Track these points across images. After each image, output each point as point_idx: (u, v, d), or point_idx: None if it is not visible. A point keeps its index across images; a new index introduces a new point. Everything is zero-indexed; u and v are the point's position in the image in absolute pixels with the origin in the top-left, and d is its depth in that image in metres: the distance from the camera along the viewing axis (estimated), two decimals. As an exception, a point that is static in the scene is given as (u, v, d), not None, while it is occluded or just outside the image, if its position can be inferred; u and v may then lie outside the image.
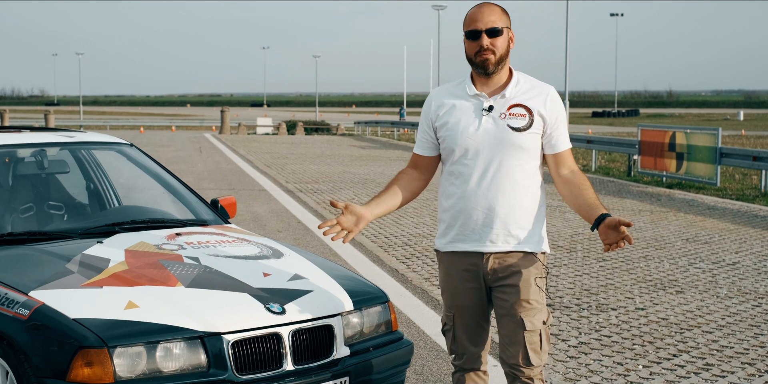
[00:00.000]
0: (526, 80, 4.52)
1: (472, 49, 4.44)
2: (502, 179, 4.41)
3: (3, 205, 5.95)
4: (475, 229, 4.45)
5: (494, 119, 4.42)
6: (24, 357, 4.44)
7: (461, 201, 4.46)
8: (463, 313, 4.56)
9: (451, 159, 4.49)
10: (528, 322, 4.42)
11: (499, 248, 4.44)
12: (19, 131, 6.52)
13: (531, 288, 4.44)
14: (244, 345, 4.54)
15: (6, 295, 4.66)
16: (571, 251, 11.69)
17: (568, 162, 4.53)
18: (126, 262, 5.01)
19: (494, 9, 4.45)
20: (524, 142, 4.41)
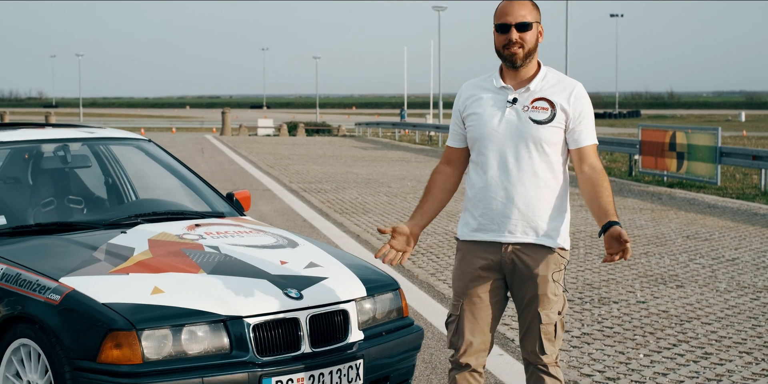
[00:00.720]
0: (554, 75, 4.57)
1: (501, 42, 4.49)
2: (522, 170, 4.46)
3: (27, 198, 6.18)
4: (495, 219, 4.49)
5: (517, 111, 4.48)
6: (56, 340, 4.67)
7: (482, 191, 4.52)
8: (473, 301, 4.57)
9: (476, 149, 4.56)
10: (544, 316, 4.51)
11: (517, 239, 4.48)
12: (42, 127, 6.75)
13: (549, 284, 4.49)
14: (265, 328, 4.77)
15: (37, 281, 4.89)
16: (574, 248, 11.91)
17: (590, 158, 4.51)
18: (150, 251, 5.24)
19: (525, 3, 4.50)
20: (545, 134, 4.45)
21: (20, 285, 4.94)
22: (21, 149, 6.48)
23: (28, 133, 6.50)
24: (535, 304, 4.51)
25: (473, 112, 4.55)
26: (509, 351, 7.11)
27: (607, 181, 4.48)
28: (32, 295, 4.85)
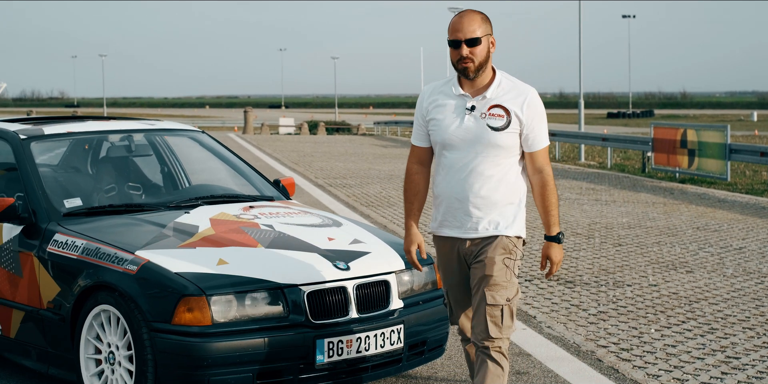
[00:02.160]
0: (508, 82, 4.86)
1: (455, 57, 4.79)
2: (478, 173, 4.78)
3: (97, 182, 6.84)
4: (456, 217, 4.85)
5: (476, 118, 4.78)
6: (134, 305, 5.32)
7: (444, 190, 4.87)
8: (453, 289, 5.05)
9: (438, 150, 4.91)
10: (489, 297, 4.75)
11: (477, 234, 4.84)
12: (106, 119, 7.41)
13: (496, 266, 4.78)
14: (317, 295, 5.42)
15: (115, 254, 5.54)
16: (589, 238, 12.52)
17: (540, 161, 4.84)
18: (212, 228, 5.89)
19: (474, 18, 4.78)
20: (501, 140, 4.77)
21: (100, 257, 5.59)
22: (88, 139, 7.13)
23: (95, 124, 7.16)
24: (483, 284, 4.79)
25: (435, 118, 4.87)
26: (531, 326, 7.73)
27: (552, 186, 4.86)
28: (111, 266, 5.50)
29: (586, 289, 9.17)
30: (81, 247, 5.72)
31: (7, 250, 6.15)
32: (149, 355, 5.23)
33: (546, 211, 4.87)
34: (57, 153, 7.26)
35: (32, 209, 6.13)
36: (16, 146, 6.56)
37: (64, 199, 6.28)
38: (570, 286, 9.34)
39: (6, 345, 6.28)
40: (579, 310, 8.28)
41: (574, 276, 9.85)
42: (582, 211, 15.46)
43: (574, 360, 6.74)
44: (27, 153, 6.50)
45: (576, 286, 9.34)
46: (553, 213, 4.87)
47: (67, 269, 5.74)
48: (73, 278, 5.68)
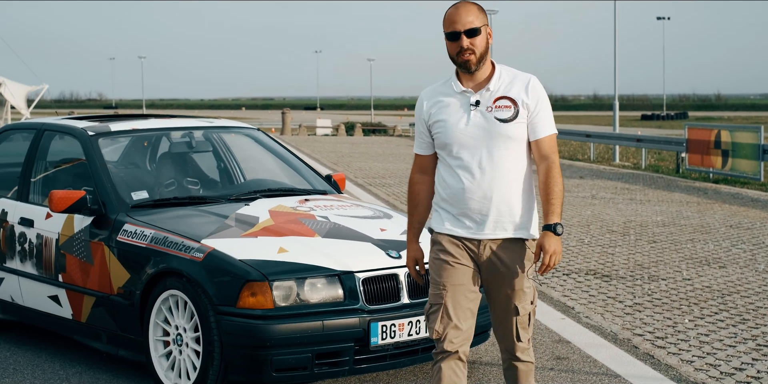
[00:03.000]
0: (508, 72, 4.68)
1: (454, 50, 4.60)
2: (496, 169, 4.56)
3: (160, 176, 7.24)
4: (474, 218, 4.59)
5: (482, 113, 4.58)
6: (201, 290, 5.71)
7: (459, 192, 4.60)
8: (456, 290, 4.65)
9: (446, 152, 4.66)
10: (521, 309, 4.64)
11: (496, 235, 4.60)
12: (168, 117, 7.83)
13: (524, 279, 4.63)
14: (371, 282, 5.80)
15: (182, 242, 5.94)
16: (625, 235, 12.85)
17: (546, 148, 4.63)
18: (272, 219, 6.29)
19: (471, 8, 4.60)
20: (512, 132, 4.57)
21: (168, 246, 5.99)
22: (150, 136, 7.55)
23: (158, 122, 7.58)
24: (512, 299, 4.63)
25: (439, 119, 4.65)
26: (570, 316, 8.09)
27: (557, 175, 4.60)
28: (179, 253, 5.90)
29: (622, 283, 9.51)
30: (150, 237, 6.13)
31: (79, 240, 6.57)
32: (215, 336, 5.62)
33: (547, 199, 4.59)
34: (116, 149, 7.66)
35: (102, 201, 6.54)
36: (85, 142, 6.97)
37: (132, 192, 6.69)
38: (606, 280, 9.68)
39: (77, 329, 6.70)
40: (615, 302, 8.62)
41: (610, 270, 10.19)
42: (617, 210, 15.78)
43: (611, 347, 7.09)
44: (96, 149, 6.91)
45: (612, 280, 9.68)
46: (555, 202, 4.59)
47: (137, 257, 6.15)
48: (143, 265, 6.09)
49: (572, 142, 39.49)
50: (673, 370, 6.50)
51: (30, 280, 7.01)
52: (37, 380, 6.43)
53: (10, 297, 7.27)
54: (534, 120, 4.62)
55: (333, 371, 5.72)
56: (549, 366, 6.60)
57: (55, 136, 7.39)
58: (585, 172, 24.37)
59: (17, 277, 7.13)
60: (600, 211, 15.58)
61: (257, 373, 5.60)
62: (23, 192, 7.28)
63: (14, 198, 7.33)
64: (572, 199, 17.52)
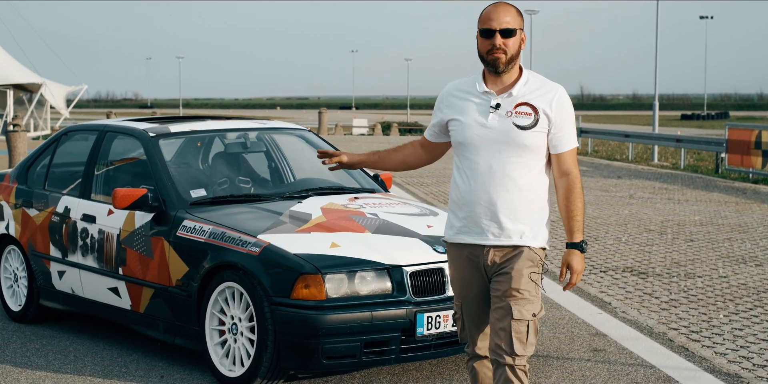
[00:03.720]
0: (536, 80, 4.59)
1: (485, 47, 4.53)
2: (505, 176, 4.49)
3: (216, 175, 7.57)
4: (478, 223, 4.54)
5: (500, 117, 4.50)
6: (257, 282, 6.04)
7: (466, 194, 4.56)
8: (468, 302, 4.70)
9: (459, 152, 4.63)
10: (516, 311, 4.47)
11: (499, 242, 4.53)
12: (223, 119, 8.17)
13: (523, 278, 4.49)
14: (418, 275, 6.11)
15: (239, 237, 6.27)
16: (662, 234, 13.09)
17: (568, 163, 4.57)
18: (324, 216, 6.61)
19: (509, 9, 4.55)
20: (528, 140, 4.49)
21: (225, 240, 6.32)
22: (205, 137, 7.89)
23: (214, 123, 7.91)
24: (508, 298, 4.49)
25: (456, 117, 4.62)
26: (607, 311, 8.37)
27: (579, 190, 4.56)
28: (236, 248, 6.23)
29: (658, 280, 9.76)
30: (208, 232, 6.46)
31: (140, 235, 6.91)
32: (270, 325, 5.95)
33: (570, 216, 4.55)
34: (170, 149, 7.99)
35: (162, 199, 6.89)
36: (146, 143, 7.32)
37: (190, 190, 7.03)
38: (643, 277, 9.94)
39: (135, 319, 7.05)
40: (651, 298, 8.88)
41: (647, 268, 10.44)
42: (655, 210, 16.01)
43: (647, 340, 7.36)
44: (156, 149, 7.26)
45: (649, 277, 9.93)
46: (578, 218, 4.55)
47: (195, 251, 6.48)
48: (201, 259, 6.42)
49: (610, 142, 39.59)
50: (707, 362, 6.77)
51: (90, 273, 7.37)
52: (97, 367, 6.78)
53: (71, 289, 7.63)
54: (557, 133, 4.54)
55: (380, 359, 6.03)
56: (586, 357, 6.88)
57: (116, 137, 7.75)
58: (623, 172, 24.55)
59: (78, 270, 7.50)
60: (638, 211, 15.82)
61: (308, 360, 5.92)
62: (86, 190, 7.64)
63: (77, 195, 7.69)
64: (609, 199, 17.75)
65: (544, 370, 6.58)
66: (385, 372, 6.56)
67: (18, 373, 6.63)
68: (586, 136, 34.49)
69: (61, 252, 7.66)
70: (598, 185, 20.69)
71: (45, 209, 7.89)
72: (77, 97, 65.17)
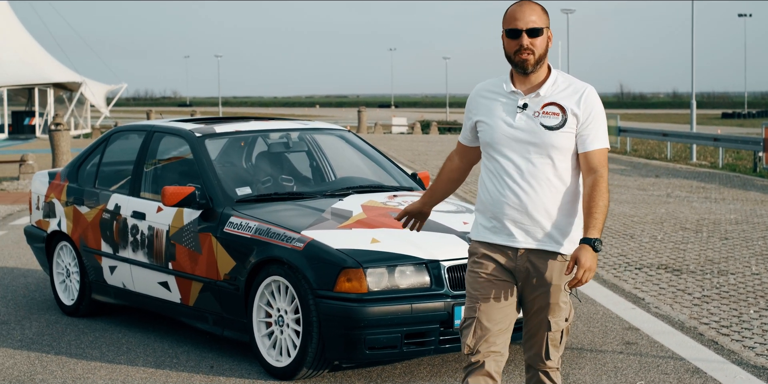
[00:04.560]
0: (564, 79, 4.52)
1: (512, 48, 4.44)
2: (534, 177, 4.41)
3: (260, 173, 7.87)
4: (507, 224, 4.46)
5: (528, 117, 4.43)
6: (301, 276, 6.32)
7: (495, 195, 4.47)
8: (490, 305, 4.53)
9: (487, 153, 4.55)
10: (554, 324, 4.49)
11: (530, 245, 4.45)
12: (266, 120, 8.46)
13: (561, 293, 4.46)
14: (455, 270, 6.37)
15: (284, 233, 6.56)
16: (697, 232, 13.27)
17: (595, 162, 4.43)
18: (364, 213, 6.89)
19: (535, 8, 4.45)
20: (557, 140, 4.41)
21: (270, 236, 6.61)
22: (249, 137, 8.18)
23: (258, 124, 8.21)
24: (546, 312, 4.49)
25: (484, 117, 4.55)
26: (640, 306, 8.60)
27: (604, 188, 4.41)
28: (281, 243, 6.52)
29: (692, 277, 9.97)
30: (254, 228, 6.75)
31: (188, 231, 7.22)
32: (314, 317, 6.23)
33: (590, 212, 4.37)
34: (214, 148, 8.29)
35: (209, 196, 7.19)
36: (192, 143, 7.63)
37: (236, 188, 7.33)
38: (677, 274, 10.14)
39: (185, 312, 7.36)
40: (684, 294, 9.09)
41: (681, 265, 10.65)
42: (691, 208, 16.17)
43: (678, 334, 7.59)
44: (203, 149, 7.57)
45: (682, 274, 10.14)
46: (597, 217, 4.36)
47: (242, 247, 6.78)
48: (247, 254, 6.72)
49: (649, 141, 39.67)
50: (735, 355, 6.99)
51: (141, 268, 7.68)
52: (150, 357, 7.09)
53: (122, 283, 7.95)
54: (584, 131, 4.44)
55: (420, 350, 6.30)
56: (618, 350, 7.12)
57: (164, 137, 8.06)
58: (661, 171, 24.69)
59: (129, 265, 7.82)
60: (674, 209, 15.99)
61: (352, 350, 6.20)
62: (135, 188, 7.97)
63: (126, 193, 8.02)
64: (646, 197, 17.93)
65: (577, 361, 6.83)
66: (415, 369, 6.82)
67: (74, 364, 6.94)
68: (625, 135, 34.61)
69: (112, 248, 7.99)
70: (635, 184, 20.86)
71: (96, 207, 8.22)
72: (117, 95, 65.92)
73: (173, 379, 6.56)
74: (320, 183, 8.13)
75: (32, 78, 52.55)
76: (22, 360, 7.06)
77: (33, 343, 7.52)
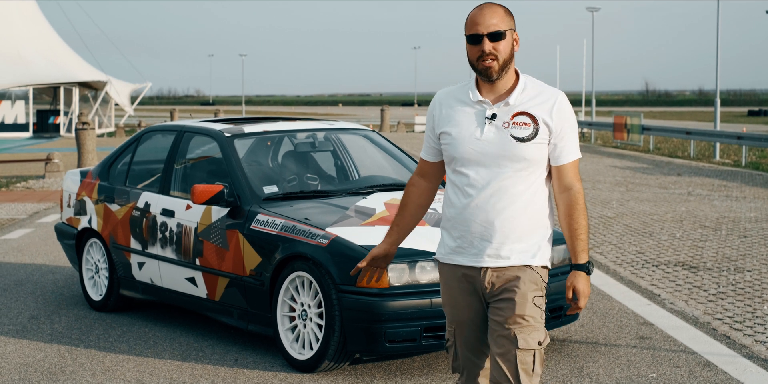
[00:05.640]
0: (534, 86, 4.23)
1: (474, 54, 4.16)
2: (504, 191, 4.16)
3: (286, 172, 8.09)
4: (474, 242, 4.22)
5: (497, 128, 4.15)
6: (325, 271, 6.54)
7: (461, 212, 4.23)
8: (463, 328, 4.36)
9: (452, 167, 4.28)
10: (522, 340, 4.14)
11: (496, 263, 4.20)
12: (293, 120, 8.68)
13: (528, 304, 4.16)
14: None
15: (309, 230, 6.78)
16: (716, 230, 13.42)
17: (570, 176, 4.23)
18: (387, 211, 7.10)
19: (496, 10, 4.18)
20: (528, 153, 4.15)
21: (296, 233, 6.83)
22: (276, 137, 8.40)
23: (285, 124, 8.43)
24: (513, 326, 4.16)
25: (449, 129, 4.25)
26: (656, 302, 8.79)
27: (583, 206, 4.24)
28: (306, 240, 6.73)
29: (708, 274, 10.14)
30: (280, 225, 6.97)
31: (216, 228, 7.44)
32: (337, 311, 6.44)
33: (575, 235, 4.21)
34: (241, 147, 8.51)
35: (237, 194, 7.42)
36: (222, 142, 7.86)
37: (263, 186, 7.55)
38: (693, 271, 10.31)
39: (211, 307, 7.58)
40: (700, 291, 9.26)
41: (699, 262, 10.81)
42: (711, 207, 16.31)
43: (691, 329, 7.78)
44: (232, 148, 7.80)
45: (699, 271, 10.31)
46: (583, 238, 4.21)
47: (268, 243, 7.00)
48: (273, 250, 6.94)
49: (672, 140, 39.71)
50: (746, 349, 7.17)
51: (169, 264, 7.92)
52: (176, 351, 7.32)
53: (150, 279, 8.19)
54: (559, 144, 4.20)
55: (439, 343, 6.49)
56: (632, 344, 7.31)
57: (194, 137, 8.30)
58: (683, 170, 24.79)
59: (157, 262, 8.05)
60: (694, 208, 16.13)
61: (373, 343, 6.41)
62: (165, 186, 8.20)
63: (156, 191, 8.25)
64: (668, 196, 18.07)
65: (592, 355, 7.02)
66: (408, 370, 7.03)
67: (103, 357, 7.18)
68: (648, 133, 34.68)
69: (141, 244, 8.23)
70: (657, 182, 20.99)
71: (126, 204, 8.46)
72: (141, 94, 66.37)
73: (198, 371, 6.78)
74: (344, 181, 8.34)
75: (58, 77, 53.02)
76: (52, 353, 7.30)
77: (63, 337, 7.76)
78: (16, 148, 39.81)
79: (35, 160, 25.22)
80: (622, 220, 14.61)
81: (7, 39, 52.46)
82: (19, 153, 35.05)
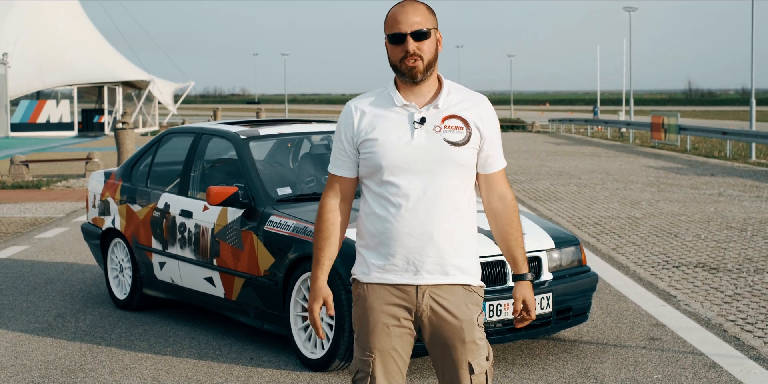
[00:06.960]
0: (457, 89, 4.00)
1: (397, 55, 3.90)
2: (440, 201, 3.87)
3: (300, 174, 8.23)
4: (410, 259, 3.89)
5: (428, 132, 3.88)
6: (334, 272, 6.64)
7: (393, 226, 3.89)
8: (386, 357, 3.96)
9: (378, 178, 3.92)
10: (476, 366, 3.95)
11: (436, 280, 3.91)
12: (308, 122, 8.82)
13: (475, 328, 3.95)
14: (483, 267, 6.65)
15: (320, 232, 6.90)
16: (742, 231, 13.42)
17: (501, 185, 4.02)
18: (397, 213, 7.20)
19: (419, 8, 3.91)
20: (463, 158, 3.90)
21: (308, 234, 6.96)
22: (291, 139, 8.54)
23: (300, 126, 8.57)
24: (464, 354, 3.94)
25: (374, 135, 3.91)
26: (671, 304, 8.84)
27: (517, 215, 4.05)
28: (317, 241, 6.86)
29: (727, 275, 10.17)
30: (292, 226, 7.11)
31: (231, 229, 7.60)
32: (346, 312, 6.57)
33: (516, 245, 4.04)
34: (262, 149, 8.66)
35: (252, 196, 7.56)
36: (237, 145, 8.01)
37: (277, 188, 7.69)
38: (713, 272, 10.35)
39: (228, 306, 7.73)
40: (717, 292, 9.31)
41: (719, 263, 10.84)
42: (740, 207, 16.29)
43: (702, 330, 7.83)
44: (247, 150, 7.94)
45: (719, 272, 10.34)
46: (522, 247, 4.05)
47: (281, 244, 7.13)
48: (286, 251, 7.07)
49: (711, 140, 39.51)
50: (754, 351, 7.22)
51: (188, 264, 8.08)
52: (194, 349, 7.47)
53: (171, 279, 8.36)
54: (489, 150, 3.98)
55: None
56: (642, 345, 7.39)
57: (211, 139, 8.46)
58: (717, 170, 24.71)
59: (177, 261, 8.22)
60: (723, 208, 16.11)
61: (381, 344, 6.52)
62: (183, 187, 8.37)
63: (176, 192, 8.42)
64: (698, 196, 18.05)
65: (600, 356, 7.11)
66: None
67: (122, 355, 7.34)
68: (685, 133, 34.54)
69: (161, 244, 8.40)
70: (689, 183, 20.95)
71: (147, 205, 8.64)
72: (185, 93, 66.89)
73: (214, 369, 6.93)
74: None
75: (102, 76, 53.60)
76: (74, 351, 7.48)
77: (86, 335, 7.94)
78: (59, 147, 40.29)
79: (76, 160, 25.55)
80: (649, 220, 14.64)
81: (51, 39, 53.12)
82: (62, 152, 35.46)
